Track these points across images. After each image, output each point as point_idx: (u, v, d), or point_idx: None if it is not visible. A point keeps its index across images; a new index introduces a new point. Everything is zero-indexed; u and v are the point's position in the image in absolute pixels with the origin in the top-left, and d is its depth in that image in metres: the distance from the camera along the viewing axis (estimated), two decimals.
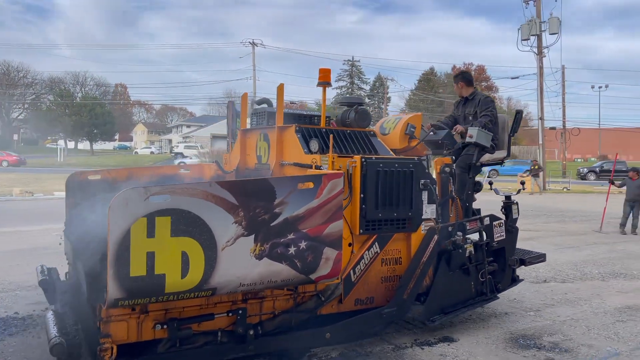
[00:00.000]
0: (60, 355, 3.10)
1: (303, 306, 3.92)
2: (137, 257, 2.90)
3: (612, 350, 4.40)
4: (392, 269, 4.38)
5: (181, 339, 3.42)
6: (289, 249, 3.36)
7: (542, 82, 25.46)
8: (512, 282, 5.30)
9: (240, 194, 3.18)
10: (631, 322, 5.19)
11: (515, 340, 4.63)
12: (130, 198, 2.88)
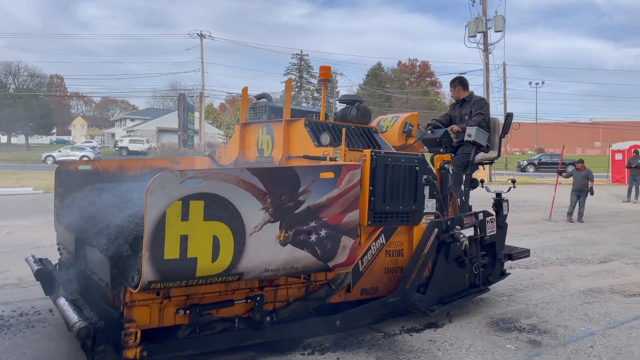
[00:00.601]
0: (87, 339, 3.11)
1: (315, 294, 4.05)
2: (172, 240, 2.93)
3: (586, 330, 4.67)
4: (395, 260, 4.59)
5: (201, 325, 3.49)
6: (310, 237, 3.47)
7: (488, 77, 26.43)
8: (501, 275, 5.55)
9: (268, 181, 3.26)
10: (597, 304, 5.51)
11: (495, 324, 4.83)
12: (167, 181, 2.90)
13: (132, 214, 3.49)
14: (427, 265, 4.61)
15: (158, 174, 2.92)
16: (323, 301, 4.08)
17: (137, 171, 5.29)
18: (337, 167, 3.64)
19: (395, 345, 4.25)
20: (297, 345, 4.12)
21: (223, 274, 3.16)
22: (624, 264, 7.66)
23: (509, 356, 4.06)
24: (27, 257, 4.88)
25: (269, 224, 3.26)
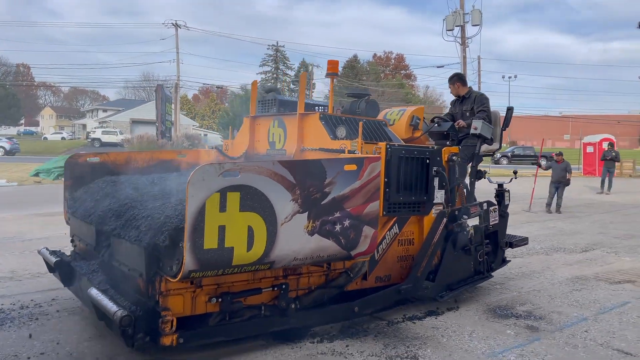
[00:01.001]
0: (129, 327, 3.17)
1: (334, 282, 4.22)
2: (210, 230, 3.03)
3: (579, 316, 4.87)
4: (406, 249, 4.78)
5: (230, 313, 3.63)
6: (335, 227, 3.61)
7: (465, 71, 26.79)
8: (502, 262, 5.78)
9: (298, 173, 3.38)
10: (585, 291, 5.73)
11: (493, 311, 4.99)
12: (207, 173, 3.00)
13: (161, 206, 3.53)
14: (436, 253, 4.81)
15: (198, 167, 3.01)
16: (342, 289, 4.24)
17: (144, 163, 5.38)
18: (359, 159, 3.77)
19: (400, 332, 4.36)
20: (306, 334, 4.20)
21: (256, 262, 3.28)
22: (605, 252, 7.96)
23: (510, 341, 4.22)
24: (41, 249, 4.91)
25: (298, 214, 3.39)
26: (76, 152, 5.44)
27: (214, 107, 73.14)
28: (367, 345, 4.05)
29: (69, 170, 4.94)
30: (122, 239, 3.60)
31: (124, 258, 3.70)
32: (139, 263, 3.44)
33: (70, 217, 4.79)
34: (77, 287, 4.22)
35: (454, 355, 3.90)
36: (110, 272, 3.93)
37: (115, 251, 3.84)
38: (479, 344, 4.14)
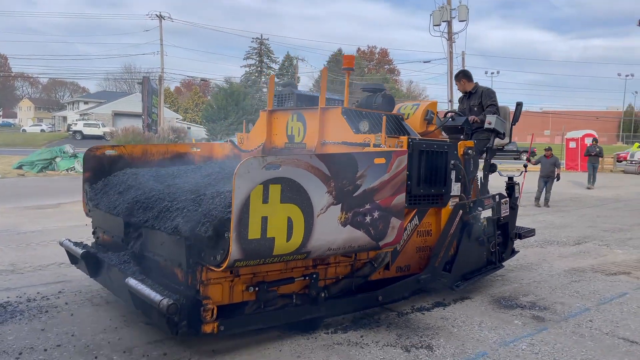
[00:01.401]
0: (175, 314, 3.23)
1: (359, 272, 4.35)
2: (254, 221, 3.13)
3: (582, 306, 4.99)
4: (424, 240, 4.93)
5: (265, 301, 3.74)
6: (365, 218, 3.71)
7: (452, 66, 27.02)
8: (512, 253, 5.97)
9: (332, 166, 3.48)
10: (584, 282, 5.88)
11: (498, 301, 5.09)
12: (252, 166, 3.09)
13: (196, 198, 3.57)
14: (453, 244, 4.97)
15: (244, 160, 3.08)
16: (366, 278, 4.37)
17: (160, 156, 5.45)
18: (388, 153, 3.89)
19: (411, 323, 4.43)
20: (319, 325, 4.24)
21: (294, 252, 3.38)
22: (597, 245, 8.15)
23: (518, 331, 4.32)
24: (63, 240, 4.91)
25: (332, 206, 3.49)
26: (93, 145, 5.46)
27: (197, 100, 72.47)
28: (381, 335, 4.11)
29: (88, 163, 4.99)
30: (157, 230, 3.64)
31: (159, 249, 3.76)
32: (178, 253, 3.50)
33: (93, 209, 4.81)
34: (106, 278, 4.26)
35: (467, 345, 3.98)
36: (142, 263, 3.96)
37: (148, 242, 3.89)
38: (490, 334, 4.23)
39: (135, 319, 4.33)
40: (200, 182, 4.24)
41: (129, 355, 3.64)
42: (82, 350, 3.71)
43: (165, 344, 3.83)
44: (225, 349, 3.77)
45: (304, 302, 3.96)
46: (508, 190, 5.82)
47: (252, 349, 3.80)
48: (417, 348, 3.89)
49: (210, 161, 5.59)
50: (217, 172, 4.69)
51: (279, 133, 5.38)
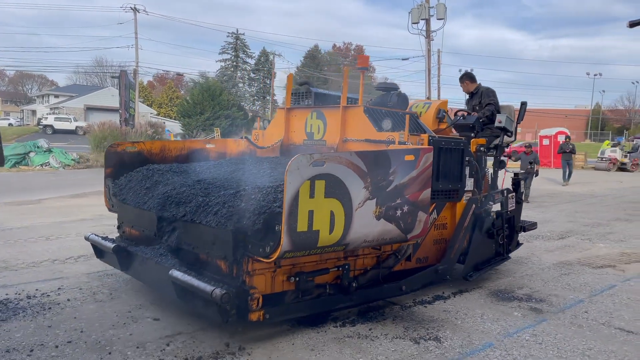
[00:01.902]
0: (228, 303, 3.39)
1: (385, 263, 4.57)
2: (302, 214, 3.30)
3: (575, 298, 5.18)
4: (441, 232, 5.19)
5: (303, 291, 3.94)
6: (397, 212, 3.92)
7: (429, 64, 27.31)
8: (517, 245, 6.25)
9: (369, 162, 3.67)
10: (573, 275, 6.08)
11: (495, 294, 5.23)
12: (301, 163, 3.27)
13: (235, 194, 3.76)
14: (466, 237, 5.22)
15: (294, 157, 3.24)
16: (391, 269, 4.60)
17: (178, 152, 5.59)
18: (416, 150, 4.11)
19: (416, 315, 4.53)
20: (327, 319, 4.30)
21: (335, 244, 3.56)
22: (580, 239, 8.42)
23: (519, 322, 4.45)
24: (89, 235, 5.05)
25: (368, 200, 3.68)
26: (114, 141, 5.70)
27: (171, 94, 71.43)
28: (388, 328, 4.19)
29: (110, 159, 5.11)
30: (198, 224, 3.78)
31: (200, 242, 3.89)
32: (222, 246, 3.64)
33: (118, 204, 4.90)
34: (139, 271, 4.41)
35: (473, 336, 4.09)
36: (180, 256, 4.09)
37: (186, 235, 4.01)
38: (492, 325, 4.35)
39: (141, 315, 4.31)
40: (231, 178, 4.36)
41: (142, 350, 3.63)
42: (94, 346, 3.68)
43: (177, 340, 3.83)
44: (238, 342, 3.79)
45: (336, 292, 4.17)
46: (514, 186, 6.07)
47: (266, 342, 3.83)
48: (426, 340, 3.98)
49: (230, 157, 5.78)
50: (242, 168, 4.88)
51: (297, 130, 5.56)
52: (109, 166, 5.10)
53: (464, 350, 3.83)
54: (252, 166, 5.00)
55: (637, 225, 10.03)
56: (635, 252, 7.44)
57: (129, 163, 5.13)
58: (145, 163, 5.16)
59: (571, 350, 3.87)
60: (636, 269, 6.44)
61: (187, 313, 4.34)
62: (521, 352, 3.81)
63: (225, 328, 4.01)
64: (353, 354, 3.68)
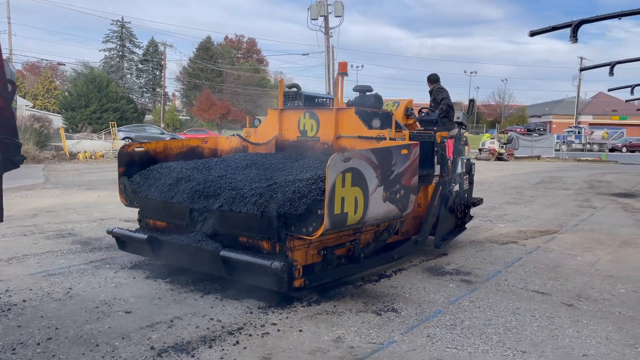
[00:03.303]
0: (285, 273, 4.15)
1: (381, 237, 5.46)
2: (338, 200, 4.14)
3: (494, 270, 6.01)
4: (417, 210, 6.15)
5: (327, 262, 4.78)
6: (397, 195, 4.88)
7: (329, 60, 28.23)
8: (470, 218, 7.55)
9: (379, 157, 4.59)
10: (486, 251, 6.99)
11: (429, 270, 5.90)
12: (336, 160, 4.13)
13: (269, 186, 4.53)
14: (436, 213, 6.33)
15: (333, 155, 4.10)
16: (385, 242, 5.53)
17: (178, 150, 6.23)
18: (409, 145, 5.08)
19: (369, 292, 5.02)
20: (293, 299, 4.65)
21: (357, 223, 4.46)
22: (482, 221, 9.51)
23: (456, 292, 5.13)
24: (112, 229, 5.61)
25: (379, 187, 4.60)
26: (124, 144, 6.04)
27: (48, 85, 65.86)
28: (350, 304, 4.64)
29: (122, 159, 5.70)
30: (238, 213, 4.50)
31: (239, 227, 4.60)
32: (266, 228, 4.38)
33: (141, 199, 5.47)
34: (175, 256, 5.01)
35: (423, 306, 4.68)
36: (218, 240, 4.70)
37: (225, 223, 4.68)
38: (436, 296, 4.98)
39: (111, 310, 4.33)
40: (250, 173, 5.25)
41: (129, 340, 3.72)
42: (77, 340, 3.69)
43: (158, 328, 3.95)
44: (221, 326, 4.01)
45: (348, 262, 5.04)
46: (467, 168, 7.19)
47: (257, 326, 4.08)
48: (385, 311, 4.49)
49: (233, 154, 6.56)
50: (254, 163, 5.69)
51: (290, 128, 6.42)
52: (122, 165, 5.67)
53: (419, 317, 4.38)
54: (262, 160, 5.81)
55: (523, 207, 11.49)
56: (529, 230, 8.64)
57: (139, 162, 5.73)
58: (152, 161, 5.79)
59: (504, 310, 4.60)
60: (534, 243, 7.53)
61: (159, 306, 4.45)
62: (466, 315, 4.45)
63: (203, 313, 4.21)
64: (329, 327, 4.08)
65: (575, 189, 15.67)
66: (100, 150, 27.50)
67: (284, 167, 5.43)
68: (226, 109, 40.24)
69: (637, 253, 7.05)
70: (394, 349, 3.69)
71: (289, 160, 5.79)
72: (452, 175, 6.65)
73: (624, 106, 54.37)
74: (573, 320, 4.40)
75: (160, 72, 66.78)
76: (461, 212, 7.05)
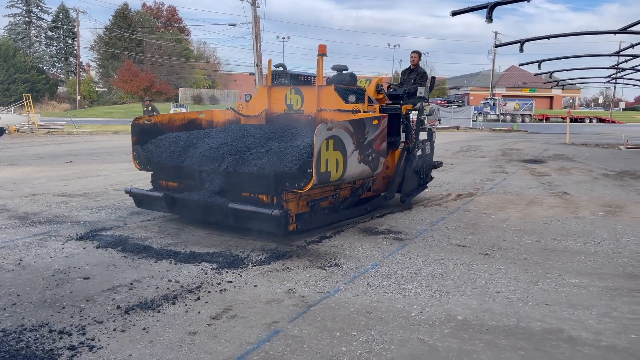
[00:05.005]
0: (284, 218, 5.30)
1: (356, 193, 6.70)
2: (323, 161, 5.25)
3: (421, 229, 6.69)
4: (386, 171, 7.33)
5: (314, 212, 5.92)
6: (369, 157, 6.04)
7: (257, 31, 28.00)
8: (431, 178, 8.84)
9: (354, 126, 5.70)
10: (413, 213, 7.70)
11: (365, 231, 6.47)
12: (322, 129, 5.21)
13: (267, 151, 5.64)
14: (401, 174, 7.59)
15: (319, 125, 5.19)
16: (359, 197, 6.76)
17: (181, 122, 7.31)
18: (379, 116, 6.24)
19: (313, 252, 5.50)
20: (245, 260, 5.04)
21: (338, 180, 5.63)
22: None
23: (390, 248, 5.72)
24: (130, 189, 6.70)
25: (355, 151, 5.73)
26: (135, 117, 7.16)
27: None
28: (297, 262, 5.09)
29: (135, 130, 6.73)
30: (241, 173, 5.62)
31: (243, 185, 5.69)
32: (265, 185, 5.51)
33: (154, 164, 6.52)
34: (189, 210, 6.09)
35: (362, 260, 5.22)
36: (224, 196, 5.78)
37: (229, 181, 5.75)
38: (372, 252, 5.54)
39: (68, 278, 4.50)
40: (247, 141, 6.20)
41: (94, 302, 3.95)
42: (43, 304, 3.88)
43: (119, 291, 4.20)
44: (180, 285, 4.32)
45: (330, 212, 6.22)
46: (428, 136, 8.42)
47: (206, 285, 4.42)
48: (329, 267, 4.98)
49: (228, 126, 7.47)
50: (249, 133, 6.57)
51: (278, 103, 7.48)
52: (134, 135, 6.70)
53: (359, 270, 4.92)
54: (254, 132, 6.68)
55: (445, 173, 12.41)
56: (451, 194, 9.47)
57: (148, 132, 6.76)
58: (159, 132, 6.83)
59: (431, 261, 5.24)
60: (455, 205, 8.33)
61: (116, 272, 4.66)
62: (399, 266, 5.05)
63: (161, 276, 4.50)
64: (281, 282, 4.51)
65: (491, 156, 17.00)
66: (13, 125, 25.89)
67: (276, 135, 6.46)
68: (150, 80, 38.80)
69: (541, 210, 8.04)
70: (339, 296, 4.20)
71: (279, 130, 6.74)
72: (415, 142, 7.80)
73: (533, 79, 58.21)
74: (488, 266, 5.11)
75: (73, 41, 62.96)
76: (423, 174, 8.29)
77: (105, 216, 6.98)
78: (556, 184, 10.92)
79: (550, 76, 26.89)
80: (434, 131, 8.51)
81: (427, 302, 4.11)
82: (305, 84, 7.60)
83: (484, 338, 3.49)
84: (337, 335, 3.49)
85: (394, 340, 3.42)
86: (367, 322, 3.70)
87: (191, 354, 3.19)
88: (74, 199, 8.23)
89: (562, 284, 4.64)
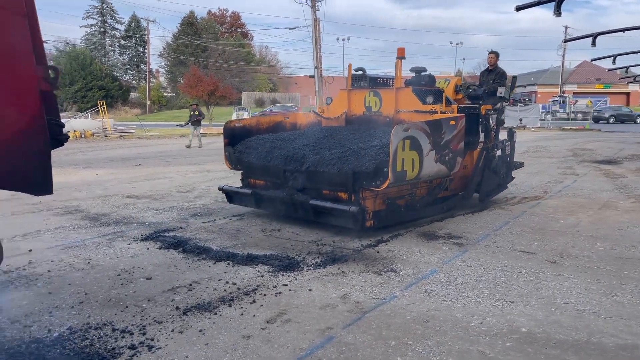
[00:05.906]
0: (360, 215, 5.70)
1: (433, 192, 6.86)
2: (399, 161, 5.53)
3: (484, 234, 6.43)
4: (464, 171, 7.46)
5: (390, 210, 6.18)
6: (446, 157, 6.22)
7: (317, 33, 28.18)
8: (511, 179, 8.69)
9: (431, 127, 5.91)
10: (476, 217, 7.42)
11: (423, 235, 6.30)
12: (398, 130, 5.48)
13: (346, 151, 6.00)
14: (480, 174, 7.60)
15: (395, 126, 5.45)
16: (436, 196, 6.94)
17: (268, 125, 7.76)
18: (456, 117, 6.40)
19: (369, 256, 5.41)
20: (301, 263, 5.03)
21: (414, 179, 5.90)
22: None
23: (449, 254, 5.54)
24: (223, 186, 7.35)
25: (431, 151, 5.94)
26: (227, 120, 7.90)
27: None
28: (353, 267, 5.03)
29: (226, 132, 7.22)
30: (322, 172, 5.96)
31: (323, 183, 6.05)
32: (344, 183, 5.83)
33: (245, 164, 7.01)
34: (274, 205, 6.60)
35: (420, 266, 5.08)
36: (305, 193, 6.17)
37: (311, 180, 6.13)
38: (431, 257, 5.39)
39: (133, 277, 4.68)
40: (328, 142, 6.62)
41: (155, 302, 4.08)
42: (108, 303, 4.04)
43: (179, 292, 4.31)
44: (237, 288, 4.37)
45: (407, 210, 6.46)
46: (509, 136, 8.33)
47: (270, 288, 4.45)
48: (386, 272, 4.88)
49: (310, 127, 7.95)
50: (330, 135, 7.03)
51: (358, 105, 7.87)
52: (226, 137, 7.20)
53: (417, 276, 4.79)
54: (332, 133, 7.11)
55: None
56: (516, 196, 9.06)
57: (238, 134, 7.28)
58: (248, 134, 7.34)
59: (493, 268, 5.02)
60: (520, 209, 7.97)
61: (176, 272, 4.80)
62: (459, 273, 4.87)
63: (219, 278, 4.58)
64: (335, 286, 4.47)
65: (559, 157, 16.18)
66: (89, 129, 27.45)
67: (354, 137, 6.80)
68: (214, 85, 40.01)
69: (615, 215, 7.53)
70: (396, 303, 4.10)
71: (358, 131, 7.10)
72: (495, 142, 7.83)
73: (607, 75, 55.00)
74: (556, 274, 4.83)
75: (144, 49, 65.94)
76: (503, 174, 8.23)
77: (168, 217, 7.22)
78: (633, 186, 10.21)
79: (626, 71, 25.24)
80: (514, 131, 8.46)
81: (489, 312, 3.93)
82: (384, 86, 7.88)
83: (550, 353, 3.28)
84: (392, 344, 3.39)
85: (452, 352, 3.29)
86: (424, 332, 3.58)
87: (245, 358, 3.20)
88: (140, 201, 8.58)
89: (639, 296, 4.30)
